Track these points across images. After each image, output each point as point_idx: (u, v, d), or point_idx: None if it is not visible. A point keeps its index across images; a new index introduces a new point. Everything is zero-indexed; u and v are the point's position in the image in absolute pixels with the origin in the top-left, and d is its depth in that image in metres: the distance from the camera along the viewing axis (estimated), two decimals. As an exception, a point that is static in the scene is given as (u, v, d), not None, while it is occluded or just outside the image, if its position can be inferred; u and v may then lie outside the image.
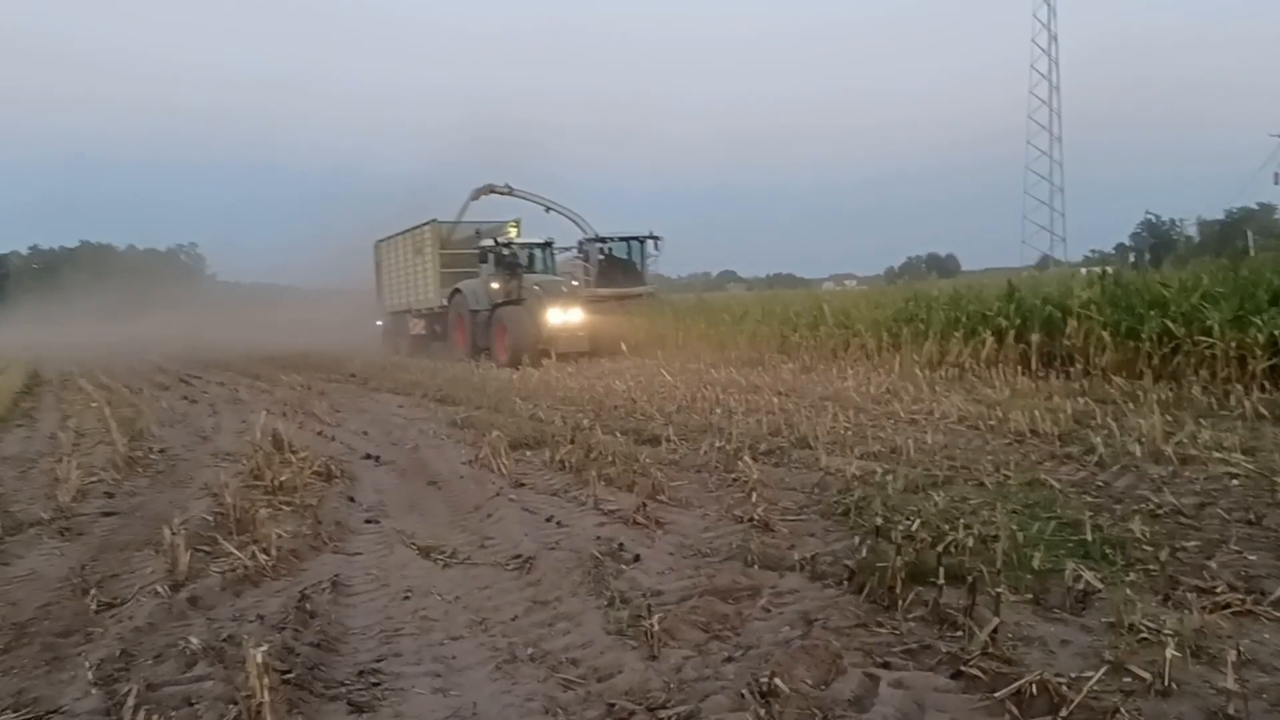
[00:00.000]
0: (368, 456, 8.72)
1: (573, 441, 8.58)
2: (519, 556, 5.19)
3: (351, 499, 6.93)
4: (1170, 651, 3.36)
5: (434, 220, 25.17)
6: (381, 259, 29.71)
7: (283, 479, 7.08)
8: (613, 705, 3.32)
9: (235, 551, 5.22)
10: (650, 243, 22.91)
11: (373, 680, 3.67)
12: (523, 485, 7.16)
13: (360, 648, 4.04)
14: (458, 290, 22.58)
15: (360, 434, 10.37)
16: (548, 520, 6.04)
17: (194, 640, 3.99)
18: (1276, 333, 10.18)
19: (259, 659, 3.28)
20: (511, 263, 21.29)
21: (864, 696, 3.35)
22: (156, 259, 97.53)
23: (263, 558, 5.14)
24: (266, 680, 3.25)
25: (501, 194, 25.05)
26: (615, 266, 22.82)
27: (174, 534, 5.27)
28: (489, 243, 22.22)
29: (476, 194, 25.04)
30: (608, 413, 10.93)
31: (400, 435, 10.16)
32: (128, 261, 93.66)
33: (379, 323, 29.67)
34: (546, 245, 22.84)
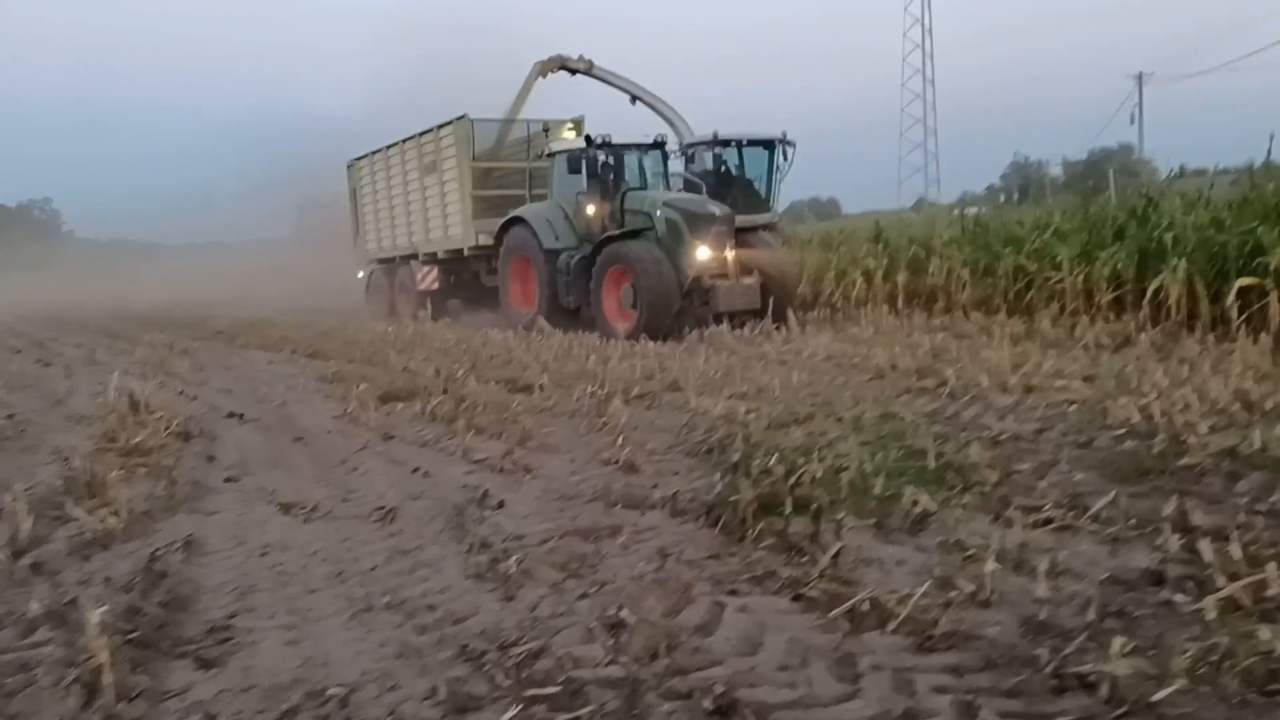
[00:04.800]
0: (231, 415, 8.47)
1: (445, 392, 8.52)
2: (382, 508, 5.15)
3: (211, 458, 6.74)
4: (990, 565, 3.59)
5: (464, 117, 16.92)
6: (361, 185, 21.38)
7: (137, 440, 6.83)
8: (466, 646, 3.36)
9: (83, 516, 5.03)
10: (780, 149, 15.29)
11: (223, 636, 3.61)
12: (391, 438, 7.08)
13: (212, 605, 3.97)
14: (517, 220, 15.11)
15: (224, 392, 10.05)
16: (414, 471, 6.00)
17: (34, 606, 3.85)
18: (1119, 266, 10.79)
19: (97, 619, 3.20)
20: (605, 175, 14.13)
21: (710, 622, 3.48)
22: (6, 215, 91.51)
23: (112, 521, 4.96)
24: (107, 641, 3.17)
25: (576, 72, 18.25)
26: (733, 184, 15.18)
27: (15, 499, 5.05)
28: (563, 144, 15.42)
29: (543, 70, 18.00)
30: (484, 363, 10.88)
31: (267, 392, 9.89)
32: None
33: (360, 274, 22.21)
34: (658, 147, 15.02)
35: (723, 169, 15.39)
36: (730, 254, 13.10)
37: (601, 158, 14.11)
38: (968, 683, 2.92)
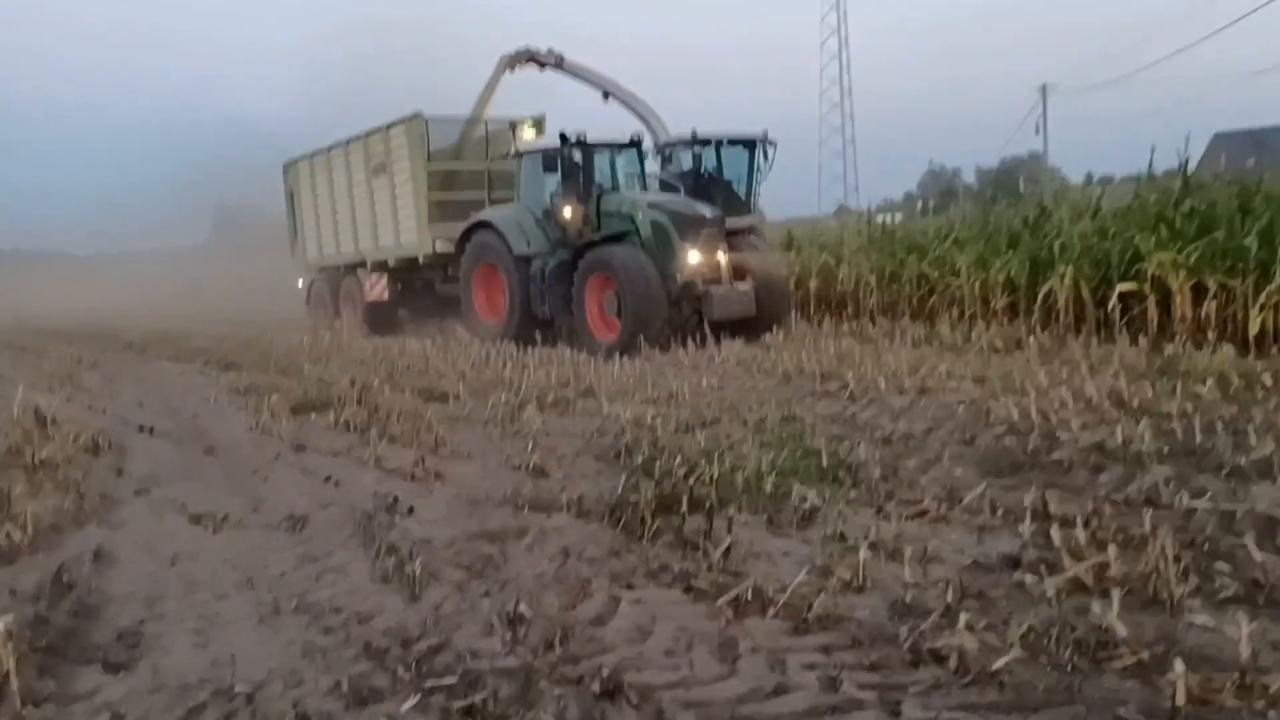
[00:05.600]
0: (142, 428, 8.42)
1: (359, 402, 8.59)
2: (292, 517, 5.25)
3: (120, 471, 6.72)
4: (863, 554, 3.87)
5: (417, 115, 15.79)
6: (300, 188, 19.87)
7: (44, 455, 6.78)
8: (369, 644, 3.51)
9: (-13, 531, 5.03)
10: (760, 149, 14.56)
11: (131, 642, 3.70)
12: (304, 448, 7.15)
13: (121, 613, 4.04)
14: (483, 225, 14.02)
15: (135, 405, 9.95)
16: (325, 480, 6.09)
17: (-64, 620, 3.89)
18: (1012, 273, 11.33)
19: (2, 628, 3.27)
20: (580, 176, 13.08)
21: (605, 614, 3.69)
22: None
23: (18, 535, 4.96)
24: (12, 648, 3.25)
25: (545, 66, 17.00)
26: (712, 185, 14.32)
27: (-85, 517, 5.02)
28: (531, 144, 14.51)
29: (510, 63, 16.75)
30: (400, 372, 10.94)
31: (179, 404, 9.83)
32: None
33: (300, 283, 20.65)
34: (633, 145, 13.92)
35: (701, 169, 14.55)
36: (723, 258, 12.29)
37: (577, 157, 13.06)
38: (834, 659, 3.18)
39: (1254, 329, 8.40)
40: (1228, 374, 7.19)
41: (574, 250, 12.77)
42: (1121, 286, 9.57)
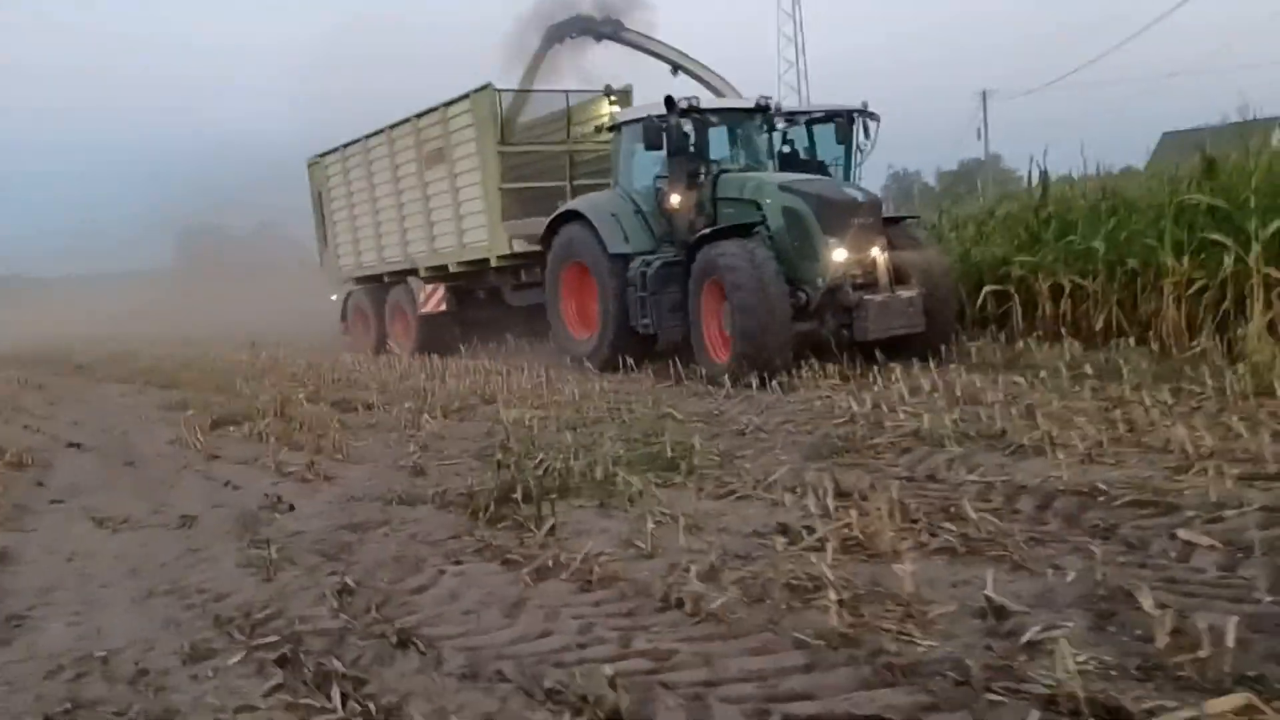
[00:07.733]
0: (71, 444, 8.96)
1: (278, 415, 9.16)
2: (185, 516, 5.84)
3: (40, 483, 7.28)
4: (650, 525, 4.52)
5: (487, 86, 12.90)
6: (331, 187, 17.04)
7: (-32, 471, 7.32)
8: (219, 615, 4.11)
9: (-97, 538, 5.57)
10: (860, 123, 12.03)
11: (16, 624, 4.28)
12: (216, 458, 7.72)
13: (15, 603, 4.60)
14: (572, 216, 11.34)
15: (71, 424, 10.48)
16: (225, 485, 6.68)
17: None
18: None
19: (-106, 612, 3.85)
20: (694, 152, 10.48)
21: (428, 585, 4.31)
22: None
23: (-69, 541, 5.53)
24: (-98, 630, 3.83)
25: (602, 38, 15.04)
26: (802, 168, 11.76)
27: None
28: (632, 114, 11.33)
29: (557, 34, 14.90)
30: (327, 386, 11.51)
31: (113, 422, 10.35)
32: None
33: (334, 297, 18.03)
34: (760, 111, 11.19)
35: (790, 150, 12.34)
36: (881, 256, 9.55)
37: (687, 128, 10.35)
38: (600, 610, 3.81)
39: (1098, 324, 9.16)
40: (1059, 367, 7.89)
41: (685, 247, 10.09)
42: (987, 288, 10.31)
